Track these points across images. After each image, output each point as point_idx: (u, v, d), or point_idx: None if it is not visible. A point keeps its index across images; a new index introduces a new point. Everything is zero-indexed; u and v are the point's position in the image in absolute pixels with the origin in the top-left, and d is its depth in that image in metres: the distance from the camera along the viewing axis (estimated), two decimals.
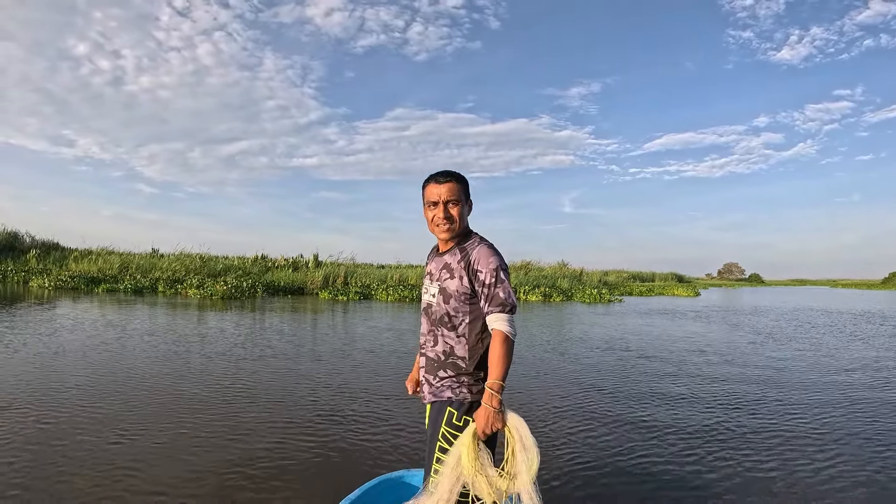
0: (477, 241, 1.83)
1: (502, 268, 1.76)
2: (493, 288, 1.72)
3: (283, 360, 6.13)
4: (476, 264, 1.75)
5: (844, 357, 7.73)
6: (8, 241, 21.87)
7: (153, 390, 4.61)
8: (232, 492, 2.70)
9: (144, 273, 19.23)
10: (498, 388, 1.65)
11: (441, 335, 1.83)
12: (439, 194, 1.81)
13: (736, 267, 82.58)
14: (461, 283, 1.77)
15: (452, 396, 1.78)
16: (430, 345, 1.86)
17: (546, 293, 20.54)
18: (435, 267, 1.89)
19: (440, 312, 1.82)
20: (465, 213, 1.85)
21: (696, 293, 31.04)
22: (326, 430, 3.73)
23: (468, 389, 1.77)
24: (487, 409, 1.65)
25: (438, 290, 1.84)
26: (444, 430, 1.76)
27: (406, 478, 2.30)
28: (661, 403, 4.70)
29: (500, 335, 1.69)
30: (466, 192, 1.87)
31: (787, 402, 4.91)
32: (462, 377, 1.78)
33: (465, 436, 1.68)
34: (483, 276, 1.73)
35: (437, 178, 1.83)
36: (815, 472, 3.20)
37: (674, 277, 47.30)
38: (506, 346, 1.67)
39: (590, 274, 29.71)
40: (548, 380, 5.61)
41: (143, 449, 3.26)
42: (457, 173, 1.86)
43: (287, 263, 21.41)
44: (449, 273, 1.81)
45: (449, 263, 1.82)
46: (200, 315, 10.62)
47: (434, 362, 1.84)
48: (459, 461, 1.65)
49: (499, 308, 1.71)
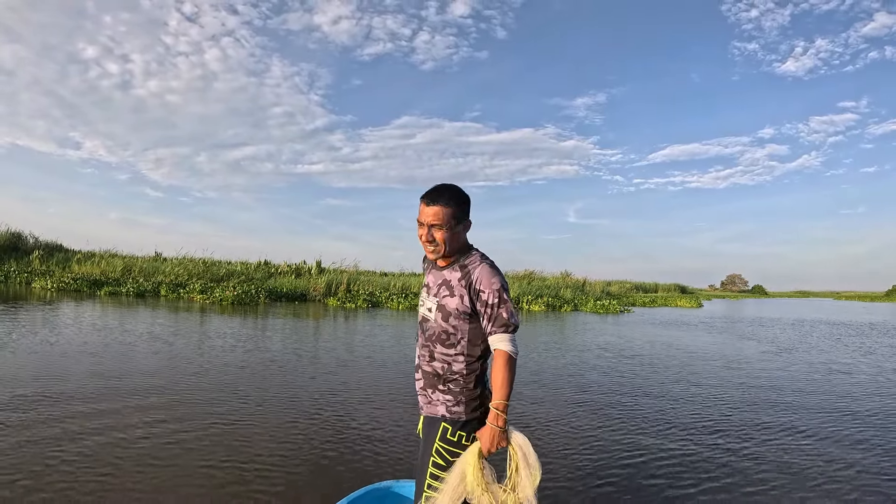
0: (478, 260, 1.79)
1: (504, 288, 1.75)
2: (496, 308, 1.71)
3: (289, 365, 6.07)
4: (478, 284, 1.73)
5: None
6: (11, 241, 21.86)
7: (158, 391, 4.60)
8: (220, 495, 2.73)
9: (147, 276, 19.20)
10: (503, 409, 1.68)
11: (437, 351, 1.81)
12: (425, 216, 1.77)
13: (739, 278, 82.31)
14: (461, 303, 1.76)
15: (447, 414, 1.78)
16: (426, 359, 1.84)
17: (549, 303, 20.46)
18: (433, 281, 1.86)
19: (437, 329, 1.80)
20: (454, 234, 1.78)
21: (699, 304, 30.96)
22: (322, 437, 3.74)
23: (464, 407, 1.77)
24: (493, 429, 1.68)
25: (436, 307, 1.81)
26: (437, 445, 1.76)
27: (395, 488, 2.28)
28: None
29: (504, 355, 1.68)
30: (458, 215, 1.78)
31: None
32: (459, 395, 1.77)
33: (470, 454, 1.71)
34: (486, 297, 1.72)
35: (426, 198, 1.77)
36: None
37: (677, 288, 47.11)
38: (509, 367, 1.68)
39: (593, 284, 29.58)
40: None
41: (143, 449, 3.27)
42: (450, 194, 1.78)
43: (290, 270, 21.36)
44: (448, 291, 1.79)
45: (449, 280, 1.80)
46: (216, 320, 10.55)
47: (431, 377, 1.82)
48: (464, 478, 1.69)
49: (502, 328, 1.71)
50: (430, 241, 1.78)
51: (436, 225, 1.75)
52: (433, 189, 1.79)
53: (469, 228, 1.85)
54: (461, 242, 1.83)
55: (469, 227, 1.85)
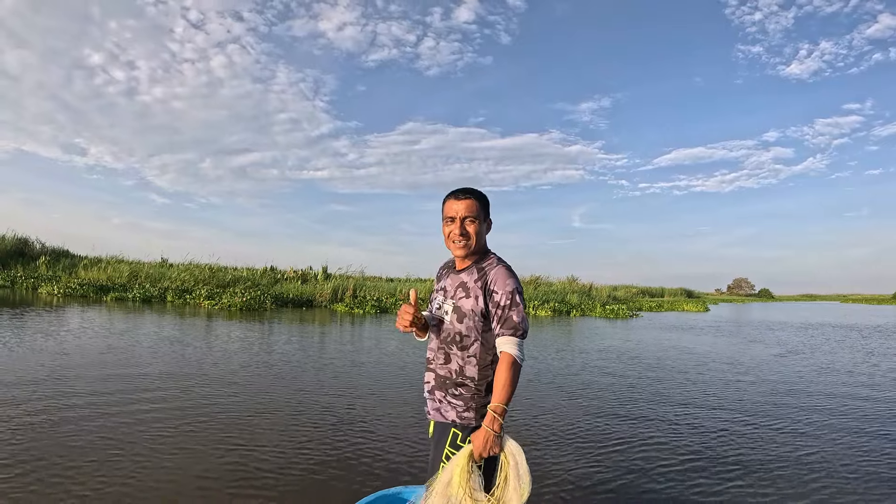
0: (495, 262, 1.80)
1: (518, 291, 1.73)
2: (507, 310, 1.70)
3: (299, 371, 6.01)
4: (493, 284, 1.74)
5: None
6: (18, 247, 21.90)
7: (167, 395, 4.61)
8: (225, 498, 2.74)
9: (153, 282, 19.17)
10: (501, 412, 1.63)
11: (452, 354, 1.80)
12: (457, 210, 1.81)
13: (745, 282, 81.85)
14: (476, 303, 1.76)
15: (457, 420, 1.76)
16: (440, 362, 1.83)
17: (556, 308, 20.37)
18: (450, 284, 1.87)
19: (452, 331, 1.80)
20: (482, 230, 1.84)
21: (706, 308, 30.79)
22: (331, 443, 3.74)
23: (475, 414, 1.75)
24: (487, 433, 1.63)
25: (452, 309, 1.82)
26: (447, 452, 1.75)
27: (404, 494, 2.25)
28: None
29: (509, 358, 1.66)
30: (485, 211, 1.86)
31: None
32: (470, 401, 1.76)
33: (460, 457, 1.67)
34: (498, 298, 1.71)
35: (456, 194, 1.84)
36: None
37: (683, 293, 46.84)
38: (513, 371, 1.65)
39: (599, 289, 29.45)
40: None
41: (140, 450, 3.34)
42: (477, 191, 1.86)
43: (296, 275, 21.30)
44: (465, 292, 1.80)
45: (465, 282, 1.81)
46: (224, 325, 10.50)
47: (444, 380, 1.81)
48: (451, 481, 1.64)
49: (510, 331, 1.69)
50: (463, 235, 1.79)
51: (468, 217, 1.80)
52: (460, 188, 1.85)
53: (490, 229, 1.90)
54: (484, 241, 1.86)
55: (490, 227, 1.90)
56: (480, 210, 1.82)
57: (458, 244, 1.80)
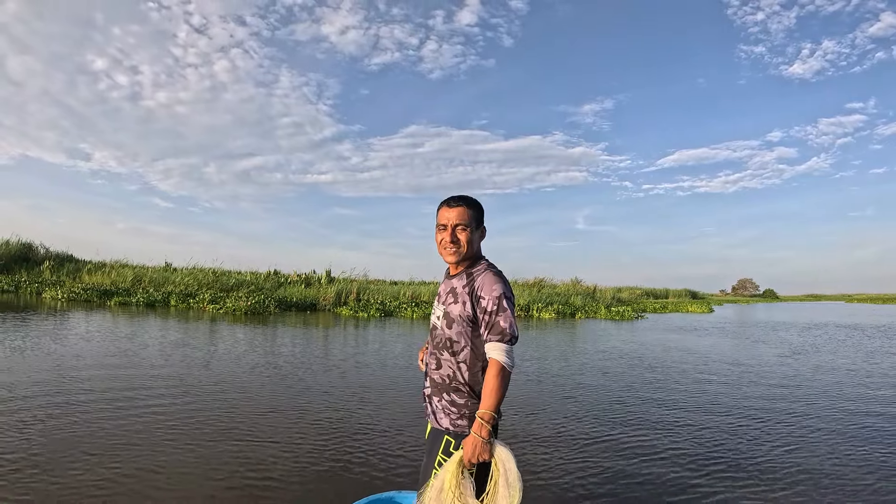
0: (484, 268, 1.81)
1: (506, 296, 1.72)
2: (494, 316, 1.70)
3: (304, 374, 5.99)
4: (480, 290, 1.73)
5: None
6: (22, 251, 22.00)
7: (172, 397, 4.59)
8: (225, 500, 2.78)
9: (157, 287, 19.21)
10: (489, 419, 1.63)
11: (444, 359, 1.81)
12: (448, 218, 1.82)
13: (750, 283, 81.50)
14: (464, 309, 1.76)
15: (451, 427, 1.76)
16: (434, 367, 1.85)
17: (560, 310, 20.30)
18: (443, 289, 1.90)
19: (443, 336, 1.81)
20: (474, 238, 1.84)
21: (710, 310, 30.62)
22: (329, 446, 3.77)
23: (468, 421, 1.75)
24: (475, 439, 1.63)
25: (443, 314, 1.83)
26: (440, 459, 1.76)
27: (397, 499, 2.27)
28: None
29: (497, 365, 1.65)
30: (478, 218, 1.87)
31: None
32: (463, 409, 1.76)
33: (451, 463, 1.67)
34: (485, 303, 1.71)
35: (448, 201, 1.85)
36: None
37: (687, 294, 46.69)
38: (501, 377, 1.65)
39: (603, 291, 29.36)
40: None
41: (145, 450, 3.37)
42: (470, 198, 1.87)
43: (300, 279, 21.29)
44: (454, 297, 1.80)
45: (455, 288, 1.82)
46: (229, 329, 10.50)
47: (438, 385, 1.83)
48: (443, 487, 1.65)
49: (498, 337, 1.68)
50: (454, 242, 1.80)
51: (460, 224, 1.81)
52: (453, 196, 1.87)
53: (484, 236, 1.92)
54: (477, 248, 1.87)
55: (484, 235, 1.92)
56: (472, 218, 1.83)
57: (449, 251, 1.82)
